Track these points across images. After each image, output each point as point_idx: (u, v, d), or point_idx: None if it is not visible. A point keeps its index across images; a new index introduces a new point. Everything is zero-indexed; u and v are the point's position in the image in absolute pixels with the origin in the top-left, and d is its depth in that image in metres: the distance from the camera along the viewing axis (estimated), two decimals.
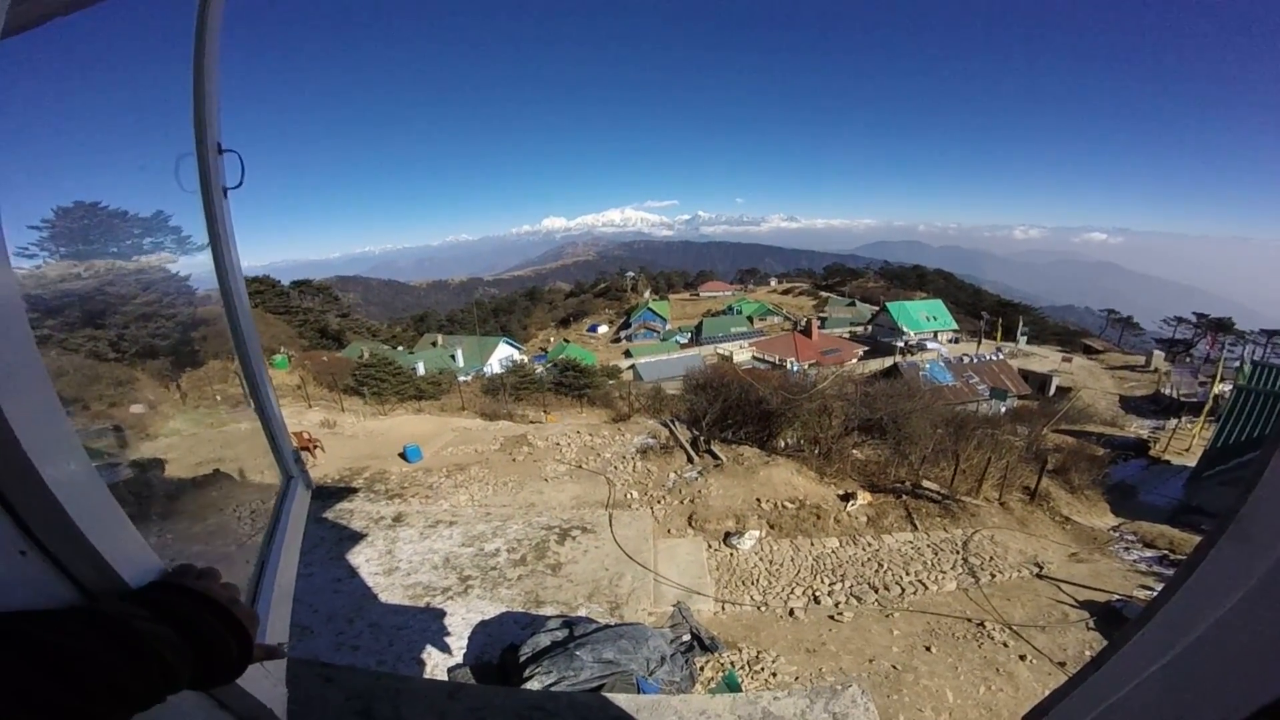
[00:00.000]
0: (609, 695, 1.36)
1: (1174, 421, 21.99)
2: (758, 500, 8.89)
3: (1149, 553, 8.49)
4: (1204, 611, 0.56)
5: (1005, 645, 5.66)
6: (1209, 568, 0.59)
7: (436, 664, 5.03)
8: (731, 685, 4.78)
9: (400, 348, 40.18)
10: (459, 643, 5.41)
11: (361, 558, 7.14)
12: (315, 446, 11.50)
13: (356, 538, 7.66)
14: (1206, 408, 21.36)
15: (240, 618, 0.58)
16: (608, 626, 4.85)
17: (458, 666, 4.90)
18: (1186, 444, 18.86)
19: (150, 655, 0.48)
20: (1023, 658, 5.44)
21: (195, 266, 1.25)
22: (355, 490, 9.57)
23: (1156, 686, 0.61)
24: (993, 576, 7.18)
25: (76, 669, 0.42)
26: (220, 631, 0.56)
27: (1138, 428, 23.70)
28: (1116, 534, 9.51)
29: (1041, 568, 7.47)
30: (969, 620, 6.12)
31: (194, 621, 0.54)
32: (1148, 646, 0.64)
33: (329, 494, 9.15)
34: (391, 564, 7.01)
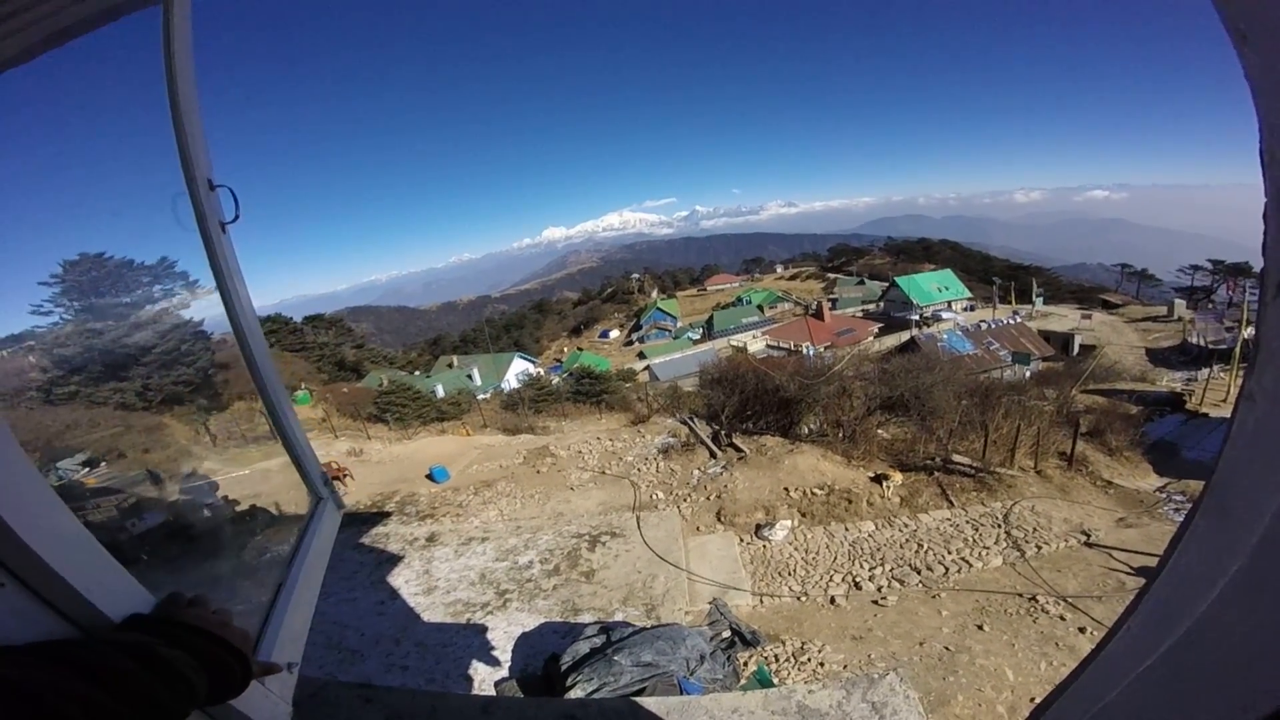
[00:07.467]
0: (639, 700, 1.37)
1: (1206, 371, 21.28)
2: (786, 489, 8.80)
3: None
4: (1186, 604, 0.48)
5: (1062, 618, 5.49)
6: (1188, 551, 0.52)
7: (483, 678, 5.07)
8: (763, 680, 4.72)
9: (417, 372, 40.72)
10: (503, 655, 5.46)
11: (401, 579, 7.23)
12: (346, 475, 11.69)
13: (394, 560, 7.76)
14: (1237, 353, 20.60)
15: (232, 640, 0.65)
16: (644, 629, 4.83)
17: (504, 680, 4.93)
18: (1223, 394, 18.24)
19: (177, 675, 0.55)
20: (1082, 630, 5.26)
21: (208, 310, 1.27)
22: (388, 514, 9.70)
23: (1147, 689, 0.54)
24: (1039, 548, 7.00)
25: (126, 685, 0.49)
26: (221, 654, 0.63)
27: (1169, 381, 23.00)
28: (1163, 495, 9.21)
29: (1089, 536, 7.26)
30: (1020, 595, 5.96)
31: (197, 646, 0.61)
32: (1134, 644, 0.57)
33: (363, 520, 9.28)
34: (430, 583, 7.09)
